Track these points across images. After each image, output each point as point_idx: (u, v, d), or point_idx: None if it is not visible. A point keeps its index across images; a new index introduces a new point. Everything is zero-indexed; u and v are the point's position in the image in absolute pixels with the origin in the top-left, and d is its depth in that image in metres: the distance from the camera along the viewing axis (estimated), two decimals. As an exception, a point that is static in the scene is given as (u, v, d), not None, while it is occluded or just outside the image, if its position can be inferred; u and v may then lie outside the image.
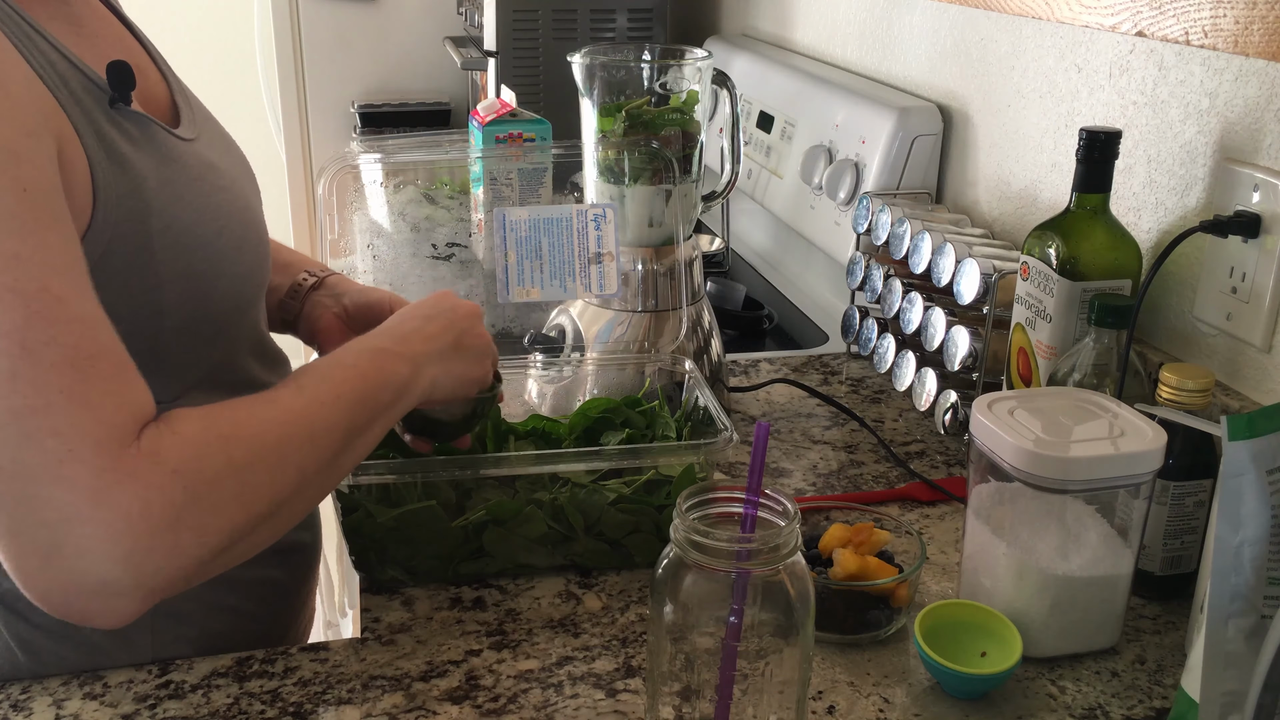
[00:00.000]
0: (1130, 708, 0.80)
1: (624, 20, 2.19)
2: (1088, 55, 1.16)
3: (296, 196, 2.78)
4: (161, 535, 0.61)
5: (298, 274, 1.04)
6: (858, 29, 1.69)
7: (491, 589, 0.93)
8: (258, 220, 0.89)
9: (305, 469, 0.71)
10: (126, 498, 0.60)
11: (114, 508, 0.60)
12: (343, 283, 1.05)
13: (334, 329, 1.02)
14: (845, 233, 1.50)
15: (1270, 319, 0.94)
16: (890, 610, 0.86)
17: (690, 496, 0.66)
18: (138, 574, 0.61)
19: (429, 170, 1.43)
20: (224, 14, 3.45)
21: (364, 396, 0.76)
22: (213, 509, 0.64)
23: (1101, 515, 0.83)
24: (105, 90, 0.75)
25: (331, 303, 1.02)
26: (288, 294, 1.03)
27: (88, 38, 0.79)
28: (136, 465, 0.61)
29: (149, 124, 0.78)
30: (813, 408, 1.27)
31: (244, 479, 0.66)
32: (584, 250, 1.08)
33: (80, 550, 0.60)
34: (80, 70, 0.74)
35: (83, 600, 0.61)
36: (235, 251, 0.84)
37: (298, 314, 1.03)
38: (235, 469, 0.66)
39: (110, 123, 0.74)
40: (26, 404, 0.59)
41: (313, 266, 1.05)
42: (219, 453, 0.65)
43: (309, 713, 0.78)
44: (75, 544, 0.59)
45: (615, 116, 1.14)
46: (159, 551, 0.61)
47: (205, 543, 0.64)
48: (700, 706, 0.66)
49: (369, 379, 0.77)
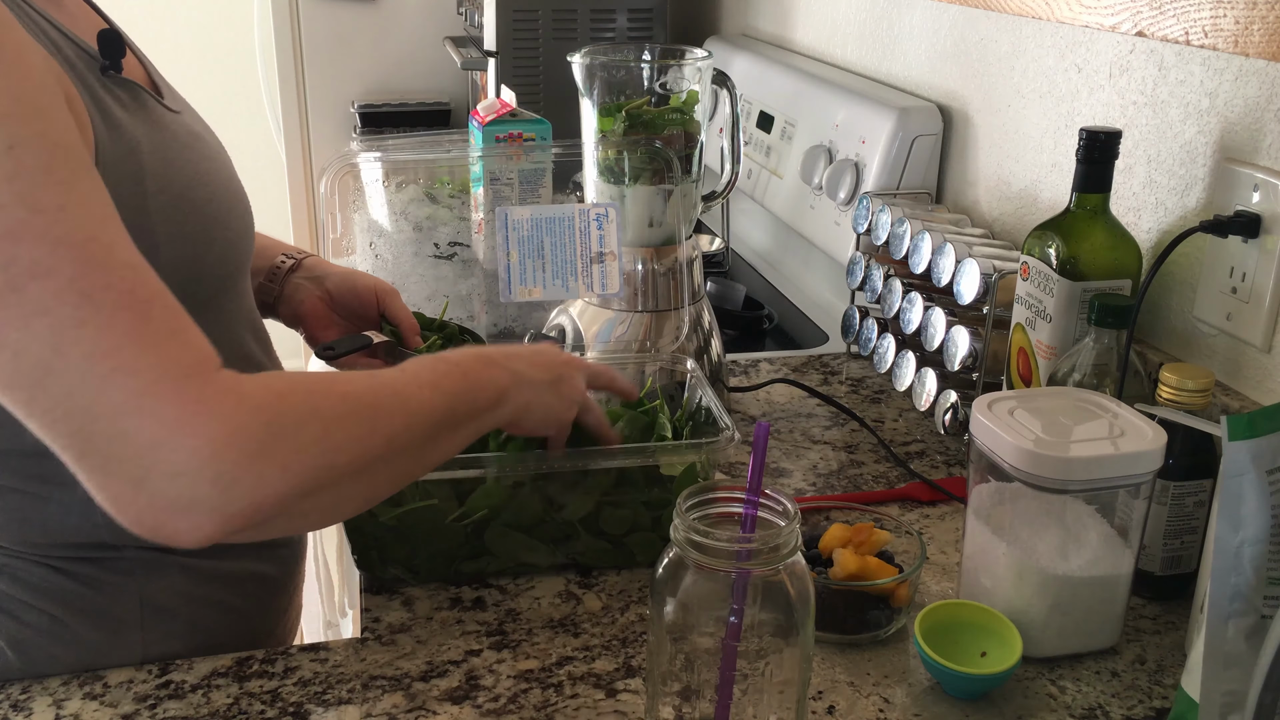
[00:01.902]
0: (1130, 708, 0.80)
1: (624, 20, 2.19)
2: (1088, 55, 1.16)
3: (296, 196, 2.78)
4: (246, 463, 0.62)
5: (275, 257, 1.05)
6: (858, 29, 1.69)
7: (491, 589, 0.93)
8: (242, 193, 0.91)
9: (395, 440, 0.71)
10: (211, 426, 0.61)
11: (199, 434, 0.61)
12: (321, 264, 1.06)
13: (318, 312, 1.03)
14: (845, 233, 1.50)
15: (1270, 319, 0.94)
16: (890, 610, 0.86)
17: (690, 496, 0.66)
18: (225, 495, 0.62)
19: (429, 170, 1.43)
20: (224, 14, 3.45)
21: (464, 392, 0.77)
22: (296, 448, 0.65)
23: (1101, 515, 0.83)
24: (96, 58, 0.76)
25: (313, 285, 1.03)
26: (266, 276, 1.04)
27: (68, 15, 0.80)
28: (218, 398, 0.63)
29: (140, 91, 0.80)
30: (813, 408, 1.27)
31: (329, 428, 0.67)
32: (586, 250, 1.08)
33: (170, 473, 0.61)
34: (71, 39, 0.75)
35: (174, 520, 0.62)
36: (225, 216, 0.85)
37: (278, 296, 1.04)
38: (320, 417, 0.67)
39: (104, 89, 0.76)
40: (98, 347, 0.60)
41: (289, 249, 1.06)
42: (303, 401, 0.66)
43: (309, 713, 0.78)
44: (164, 468, 0.61)
45: (615, 116, 1.14)
46: (244, 477, 0.62)
47: (288, 478, 0.64)
48: (700, 706, 0.66)
49: (470, 378, 0.78)
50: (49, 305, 0.60)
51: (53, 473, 0.81)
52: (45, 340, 0.60)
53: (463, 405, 0.76)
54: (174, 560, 0.87)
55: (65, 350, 0.60)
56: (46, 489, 0.82)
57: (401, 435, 0.71)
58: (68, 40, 0.75)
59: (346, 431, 0.68)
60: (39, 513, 0.82)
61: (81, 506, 0.82)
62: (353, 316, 1.05)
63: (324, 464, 0.66)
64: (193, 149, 0.83)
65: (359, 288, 1.04)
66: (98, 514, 0.82)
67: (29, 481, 0.81)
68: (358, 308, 1.04)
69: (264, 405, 0.64)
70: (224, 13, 3.45)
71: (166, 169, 0.78)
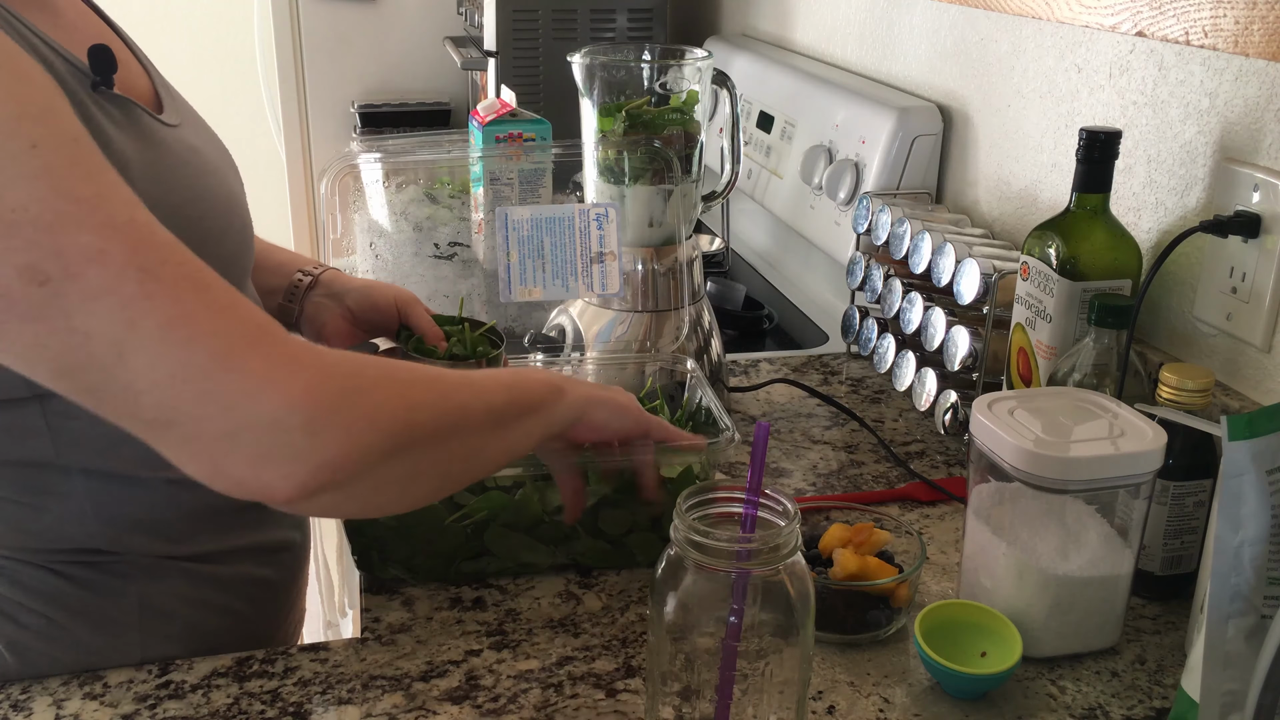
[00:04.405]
0: (1130, 708, 0.80)
1: (624, 20, 2.19)
2: (1088, 55, 1.16)
3: (296, 196, 2.78)
4: (333, 411, 0.64)
5: (292, 274, 1.04)
6: (858, 29, 1.69)
7: (491, 589, 0.93)
8: (241, 206, 0.90)
9: (467, 410, 0.73)
10: (298, 378, 0.63)
11: (288, 384, 0.63)
12: (339, 279, 1.05)
13: (341, 330, 1.03)
14: (845, 233, 1.50)
15: (1270, 319, 0.94)
16: (890, 610, 0.86)
17: (690, 496, 0.66)
18: (315, 441, 0.63)
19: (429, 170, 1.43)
20: (224, 14, 3.45)
21: (518, 382, 0.79)
22: (377, 402, 0.67)
23: (1101, 515, 0.83)
24: (87, 74, 0.76)
25: (333, 304, 1.03)
26: (285, 296, 1.03)
27: (65, 28, 0.79)
28: (299, 354, 0.64)
29: (132, 107, 0.79)
30: (813, 408, 1.27)
31: (405, 389, 0.69)
32: (586, 249, 1.08)
33: (261, 423, 0.62)
34: (62, 55, 0.75)
35: (268, 471, 0.63)
36: (219, 234, 0.84)
37: (299, 315, 1.03)
38: (395, 380, 0.69)
39: (94, 105, 0.75)
40: (171, 315, 0.61)
41: (305, 264, 1.06)
42: (375, 366, 0.69)
43: (309, 713, 0.78)
44: (256, 419, 0.62)
45: (615, 116, 1.14)
46: (332, 425, 0.64)
47: (374, 429, 0.66)
48: (700, 706, 0.66)
49: (522, 376, 0.80)
50: (112, 285, 0.60)
51: (49, 484, 0.81)
52: (116, 318, 0.60)
53: (521, 397, 0.78)
54: (174, 564, 0.86)
55: (139, 323, 0.61)
56: (42, 500, 0.81)
57: (473, 407, 0.73)
58: (58, 55, 0.74)
59: (422, 393, 0.70)
60: (36, 523, 0.82)
61: (77, 517, 0.82)
62: (375, 329, 1.05)
63: (405, 420, 0.68)
64: (188, 164, 0.83)
65: (379, 301, 1.03)
66: (93, 523, 0.83)
67: (24, 493, 0.81)
68: (379, 320, 1.04)
69: (341, 363, 0.67)
70: (224, 13, 3.44)
71: (157, 186, 0.78)
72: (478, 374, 0.78)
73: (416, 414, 0.69)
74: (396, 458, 0.68)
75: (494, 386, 0.76)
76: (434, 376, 0.73)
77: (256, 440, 0.62)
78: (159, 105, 0.86)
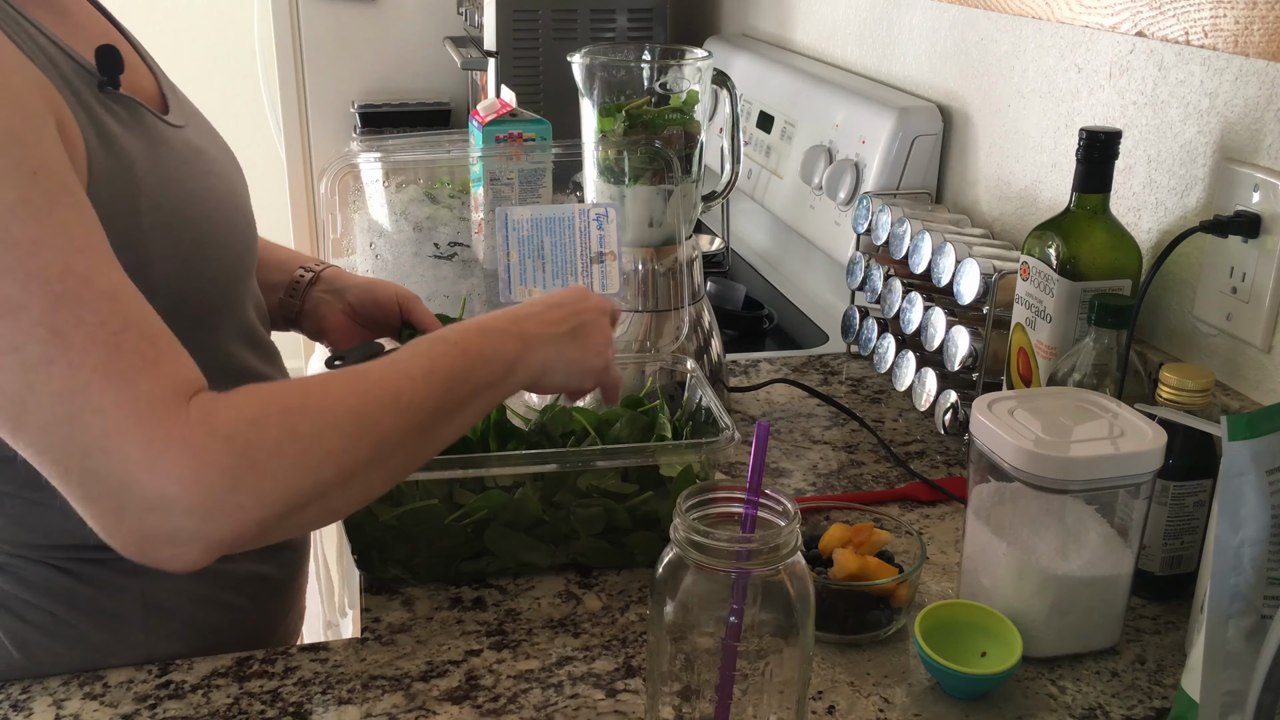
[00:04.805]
0: (1130, 708, 0.80)
1: (624, 20, 2.19)
2: (1088, 55, 1.16)
3: (296, 196, 2.78)
4: (220, 496, 0.63)
5: (294, 270, 1.04)
6: (858, 29, 1.69)
7: (491, 589, 0.93)
8: (244, 206, 0.90)
9: (385, 441, 0.70)
10: (180, 462, 0.62)
11: (168, 473, 0.61)
12: (340, 275, 1.06)
13: (341, 326, 1.03)
14: (845, 233, 1.50)
15: (1270, 319, 0.94)
16: (890, 610, 0.86)
17: (690, 496, 0.66)
18: (204, 525, 0.63)
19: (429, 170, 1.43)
20: (224, 14, 3.45)
21: (462, 373, 0.75)
22: (271, 474, 0.64)
23: (1101, 515, 0.83)
24: (94, 74, 0.76)
25: (334, 299, 1.03)
26: (286, 292, 1.03)
27: (72, 28, 0.79)
28: (186, 432, 0.62)
29: (138, 108, 0.79)
30: (813, 408, 1.27)
31: (308, 448, 0.66)
32: (586, 250, 1.08)
33: (145, 508, 0.62)
34: (68, 54, 0.75)
35: (158, 549, 0.63)
36: (223, 234, 0.85)
37: (299, 311, 1.03)
38: (298, 438, 0.66)
39: (100, 105, 0.75)
40: (65, 386, 0.61)
41: (307, 261, 1.06)
42: (277, 424, 0.66)
43: (309, 713, 0.78)
44: (138, 503, 0.62)
45: (615, 116, 1.14)
46: (220, 510, 0.63)
47: (265, 505, 0.64)
48: (700, 706, 0.66)
49: (469, 354, 0.76)
50: (20, 342, 0.61)
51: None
52: (18, 377, 0.61)
53: (464, 386, 0.75)
54: None
55: (36, 388, 0.61)
56: (45, 495, 0.81)
57: (393, 435, 0.71)
58: (65, 55, 0.74)
59: (328, 446, 0.67)
60: (39, 519, 0.82)
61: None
62: (376, 326, 1.05)
63: (305, 484, 0.66)
64: (191, 165, 0.83)
65: (380, 298, 1.03)
66: None
67: (26, 488, 0.81)
68: (381, 317, 1.04)
69: (235, 434, 0.64)
70: (224, 13, 3.45)
71: (162, 186, 0.78)
72: (415, 367, 0.73)
73: (321, 473, 0.67)
74: (302, 511, 0.67)
75: (426, 390, 0.73)
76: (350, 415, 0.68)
77: (143, 522, 0.62)
78: (164, 106, 0.86)
